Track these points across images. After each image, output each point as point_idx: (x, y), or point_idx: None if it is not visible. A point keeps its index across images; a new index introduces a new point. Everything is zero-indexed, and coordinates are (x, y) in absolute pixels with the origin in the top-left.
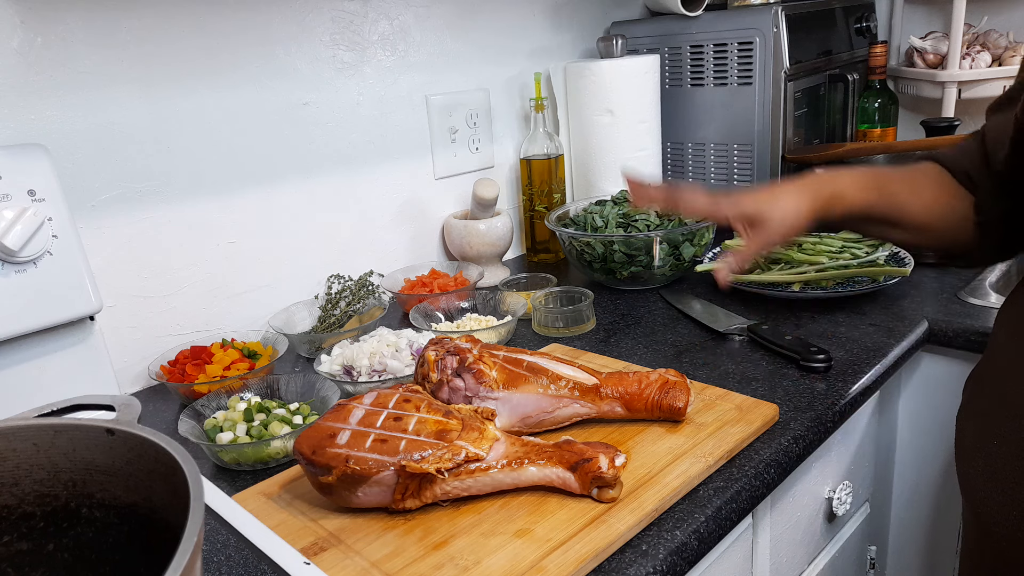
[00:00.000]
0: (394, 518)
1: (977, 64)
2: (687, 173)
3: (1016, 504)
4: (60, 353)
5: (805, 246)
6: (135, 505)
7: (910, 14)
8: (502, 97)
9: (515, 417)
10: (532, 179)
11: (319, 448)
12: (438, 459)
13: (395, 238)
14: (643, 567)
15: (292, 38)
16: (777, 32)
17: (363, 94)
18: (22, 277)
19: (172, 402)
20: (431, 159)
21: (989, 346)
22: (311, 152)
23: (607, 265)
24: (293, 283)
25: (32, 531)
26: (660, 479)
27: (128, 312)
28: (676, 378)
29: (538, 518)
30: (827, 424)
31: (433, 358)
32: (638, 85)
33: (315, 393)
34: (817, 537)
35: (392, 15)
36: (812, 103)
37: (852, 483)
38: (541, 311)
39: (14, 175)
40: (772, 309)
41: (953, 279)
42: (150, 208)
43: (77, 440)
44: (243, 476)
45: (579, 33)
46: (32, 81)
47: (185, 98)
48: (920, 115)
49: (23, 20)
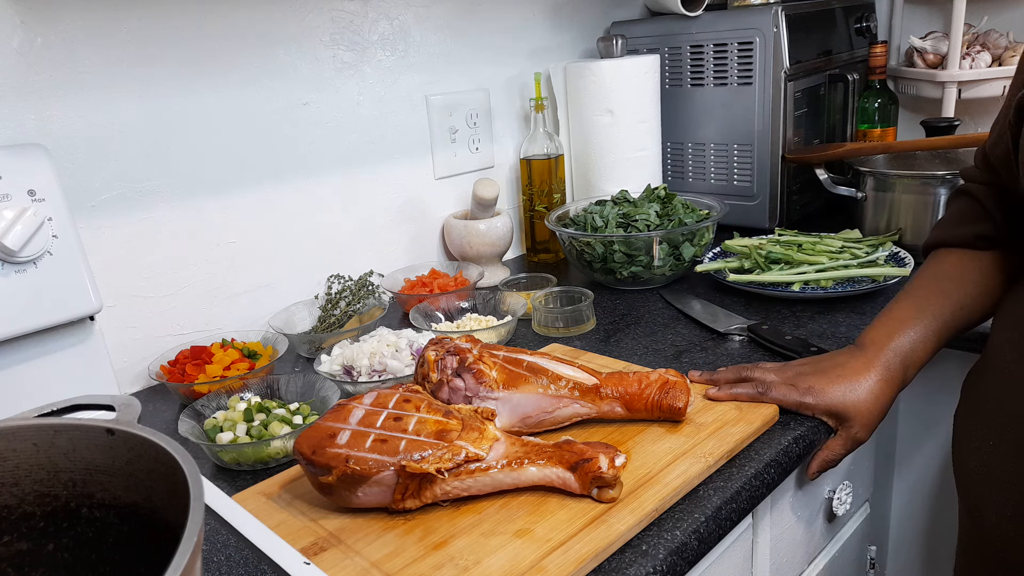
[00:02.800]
0: (394, 518)
1: (977, 64)
2: (687, 173)
3: (1012, 503)
4: (60, 353)
5: (805, 246)
6: (135, 505)
7: (910, 14)
8: (502, 97)
9: (515, 417)
10: (532, 179)
11: (319, 448)
12: (438, 459)
13: (395, 238)
14: (643, 567)
15: (292, 38)
16: (777, 32)
17: (363, 94)
18: (22, 277)
19: (172, 402)
20: (431, 159)
21: (987, 346)
22: (311, 152)
23: (607, 265)
24: (293, 283)
25: (32, 531)
26: (660, 479)
27: (128, 312)
28: (676, 378)
29: (538, 518)
30: (827, 424)
31: (433, 358)
32: (638, 85)
33: (315, 393)
34: (817, 537)
35: (392, 15)
36: (812, 103)
37: (852, 483)
38: (541, 311)
39: (14, 175)
40: (772, 309)
41: None
42: (150, 208)
43: (77, 440)
44: (243, 476)
45: (579, 33)
46: (32, 81)
47: (185, 98)
48: (920, 115)
49: (23, 20)
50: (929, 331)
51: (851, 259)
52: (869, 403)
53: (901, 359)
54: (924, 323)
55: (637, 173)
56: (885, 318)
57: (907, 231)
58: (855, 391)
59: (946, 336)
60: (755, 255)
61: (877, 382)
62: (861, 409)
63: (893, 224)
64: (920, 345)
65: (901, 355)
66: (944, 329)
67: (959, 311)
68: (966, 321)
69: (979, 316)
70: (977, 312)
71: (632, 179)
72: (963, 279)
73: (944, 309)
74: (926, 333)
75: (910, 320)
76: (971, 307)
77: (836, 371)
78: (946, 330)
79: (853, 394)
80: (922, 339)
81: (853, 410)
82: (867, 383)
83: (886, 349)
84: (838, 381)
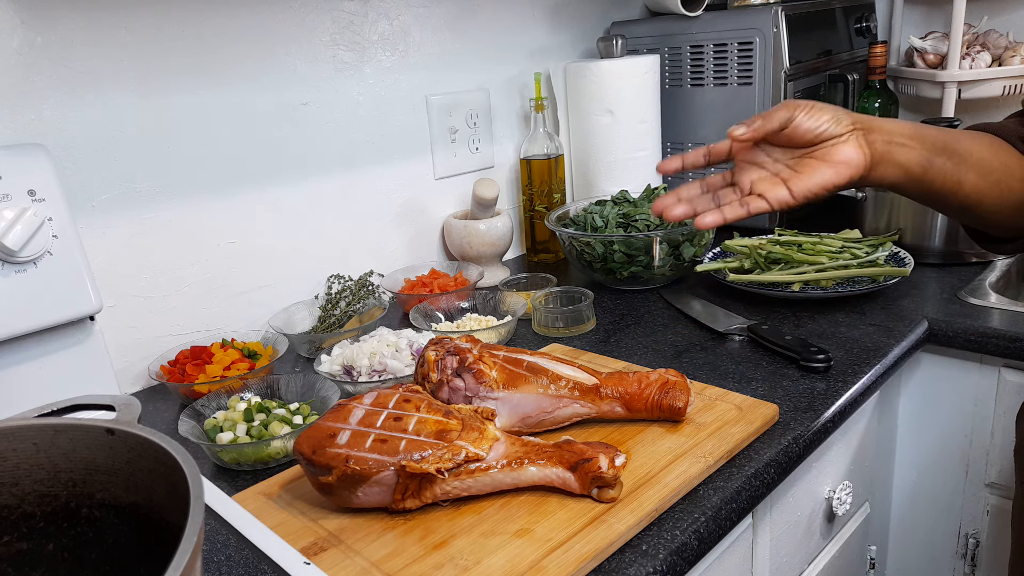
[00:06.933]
0: (394, 518)
1: (977, 64)
2: (687, 174)
3: None
4: (60, 353)
5: (805, 246)
6: (135, 505)
7: (910, 14)
8: (502, 97)
9: (515, 417)
10: (532, 179)
11: (319, 448)
12: (438, 459)
13: (395, 238)
14: (643, 567)
15: (292, 38)
16: (777, 32)
17: (363, 94)
18: (22, 277)
19: (172, 402)
20: (431, 159)
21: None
22: (311, 152)
23: (607, 265)
24: (293, 283)
25: (32, 531)
26: (660, 479)
27: (128, 312)
28: (676, 378)
29: (538, 518)
30: (827, 424)
31: (433, 358)
32: (638, 85)
33: (315, 393)
34: (817, 537)
35: (392, 15)
36: None
37: (852, 483)
38: (541, 311)
39: (14, 175)
40: (772, 309)
41: (953, 279)
42: (150, 208)
43: (77, 440)
44: (243, 476)
45: (579, 33)
46: (32, 81)
47: (185, 98)
48: (920, 115)
49: (23, 20)
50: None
51: (851, 259)
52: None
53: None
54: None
55: (637, 173)
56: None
57: (907, 231)
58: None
59: (947, 151)
60: (755, 255)
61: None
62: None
63: (893, 224)
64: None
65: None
66: (951, 145)
67: (972, 148)
68: (974, 159)
69: (992, 199)
70: (988, 161)
71: (632, 179)
72: (988, 143)
73: (958, 136)
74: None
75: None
76: (985, 156)
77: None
78: (954, 147)
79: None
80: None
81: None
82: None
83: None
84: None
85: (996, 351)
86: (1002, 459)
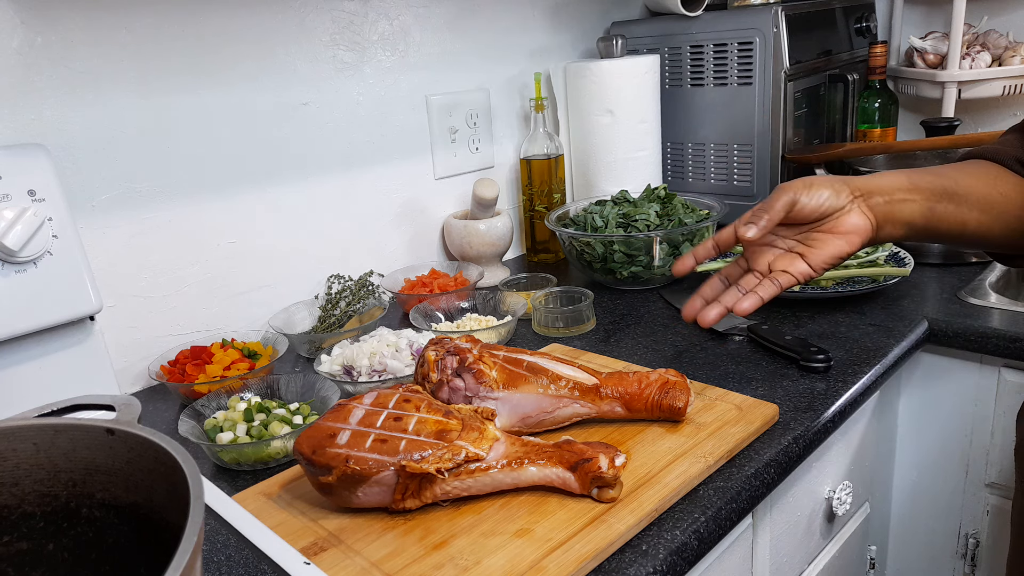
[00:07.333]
0: (394, 518)
1: (977, 64)
2: (687, 173)
3: None
4: (60, 353)
5: None
6: (135, 505)
7: (910, 14)
8: (502, 97)
9: (515, 417)
10: (532, 179)
11: (319, 448)
12: (438, 459)
13: (395, 238)
14: (643, 567)
15: (292, 38)
16: (777, 32)
17: (363, 94)
18: (22, 277)
19: (172, 402)
20: (431, 159)
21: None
22: (311, 152)
23: (607, 265)
24: (293, 283)
25: (32, 531)
26: (660, 479)
27: (128, 312)
28: (676, 378)
29: (538, 518)
30: (827, 424)
31: (433, 358)
32: (638, 85)
33: (315, 393)
34: (817, 537)
35: (392, 15)
36: (812, 103)
37: (852, 483)
38: (541, 311)
39: (14, 175)
40: (772, 309)
41: (953, 279)
42: (150, 208)
43: (77, 440)
44: (243, 476)
45: (579, 33)
46: (32, 81)
47: (185, 98)
48: (920, 115)
49: (23, 20)
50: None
51: (851, 259)
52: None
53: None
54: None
55: (637, 173)
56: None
57: None
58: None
59: (948, 191)
60: None
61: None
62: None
63: None
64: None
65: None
66: (951, 185)
67: (972, 186)
68: (974, 198)
69: (998, 231)
70: (987, 197)
71: (632, 179)
72: (985, 175)
73: (955, 176)
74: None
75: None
76: (985, 192)
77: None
78: (953, 189)
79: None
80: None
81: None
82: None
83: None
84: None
85: (996, 351)
86: (1002, 459)
